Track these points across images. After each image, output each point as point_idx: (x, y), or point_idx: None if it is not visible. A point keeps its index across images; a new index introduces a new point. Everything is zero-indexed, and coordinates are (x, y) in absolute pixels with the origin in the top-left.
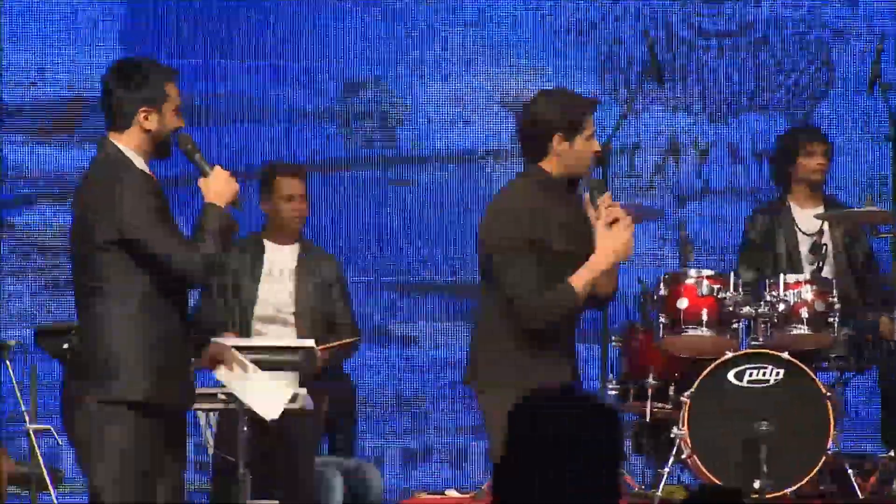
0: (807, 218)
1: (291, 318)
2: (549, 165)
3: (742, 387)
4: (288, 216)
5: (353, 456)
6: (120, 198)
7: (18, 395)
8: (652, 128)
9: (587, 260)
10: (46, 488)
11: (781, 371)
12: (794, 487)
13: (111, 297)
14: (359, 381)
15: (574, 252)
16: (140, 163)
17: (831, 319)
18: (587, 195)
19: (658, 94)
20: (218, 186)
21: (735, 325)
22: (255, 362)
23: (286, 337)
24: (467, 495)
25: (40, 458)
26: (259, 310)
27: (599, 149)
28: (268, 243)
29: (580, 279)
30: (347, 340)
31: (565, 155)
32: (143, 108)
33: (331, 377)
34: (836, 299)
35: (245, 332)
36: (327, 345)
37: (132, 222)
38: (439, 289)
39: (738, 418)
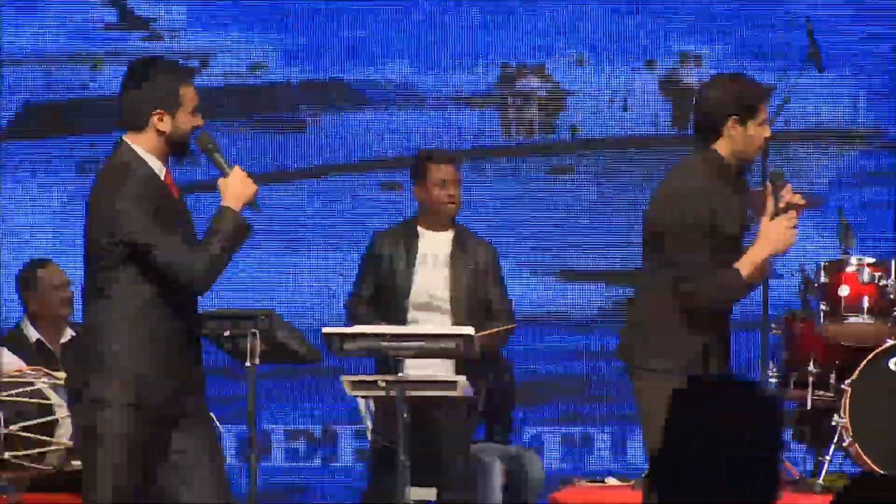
0: None
1: (447, 305)
2: (721, 148)
3: None
4: (441, 202)
5: (511, 443)
6: (119, 203)
7: None
8: (812, 115)
9: (742, 245)
10: None
11: None
12: None
13: (113, 297)
14: (519, 367)
15: (738, 238)
16: (155, 163)
17: None
18: (768, 185)
19: (816, 79)
20: (235, 188)
21: None
22: (413, 350)
23: (442, 324)
24: (628, 483)
25: None
26: (414, 297)
27: (770, 135)
28: (422, 230)
29: (745, 266)
30: (504, 328)
31: (738, 139)
32: (157, 111)
33: (489, 364)
34: None
35: (400, 319)
36: (484, 332)
37: (129, 228)
38: (602, 276)
39: None
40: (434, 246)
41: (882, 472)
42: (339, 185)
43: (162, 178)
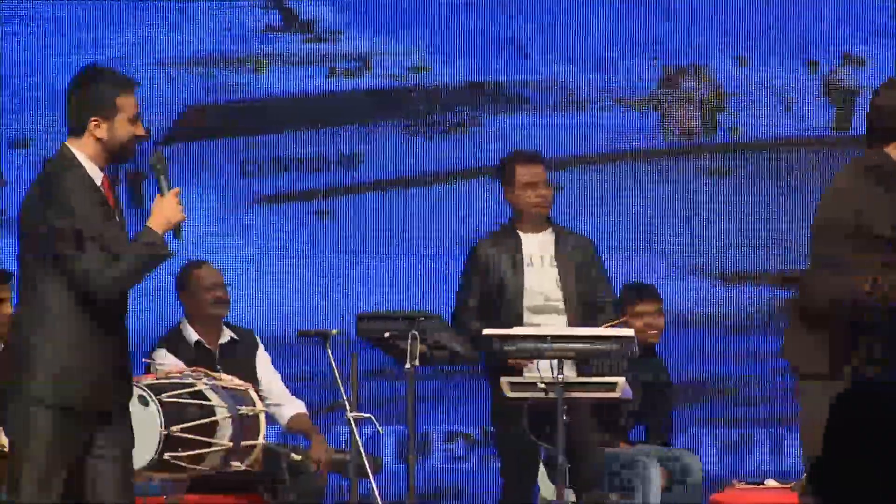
0: None
1: (562, 305)
2: (893, 151)
3: None
4: (530, 203)
5: (669, 443)
6: (46, 205)
7: (340, 383)
8: None
9: None
10: (366, 475)
11: None
12: None
13: (42, 295)
14: (678, 368)
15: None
16: (93, 169)
17: None
18: None
19: None
20: (165, 212)
21: None
22: (575, 351)
23: (560, 325)
24: (787, 485)
25: (360, 445)
26: (528, 300)
27: None
28: (521, 234)
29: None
30: (616, 321)
31: None
32: (94, 117)
33: (639, 363)
34: None
35: (516, 324)
36: (608, 323)
37: (49, 232)
38: (760, 277)
39: None
40: (537, 247)
41: None
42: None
43: (98, 184)
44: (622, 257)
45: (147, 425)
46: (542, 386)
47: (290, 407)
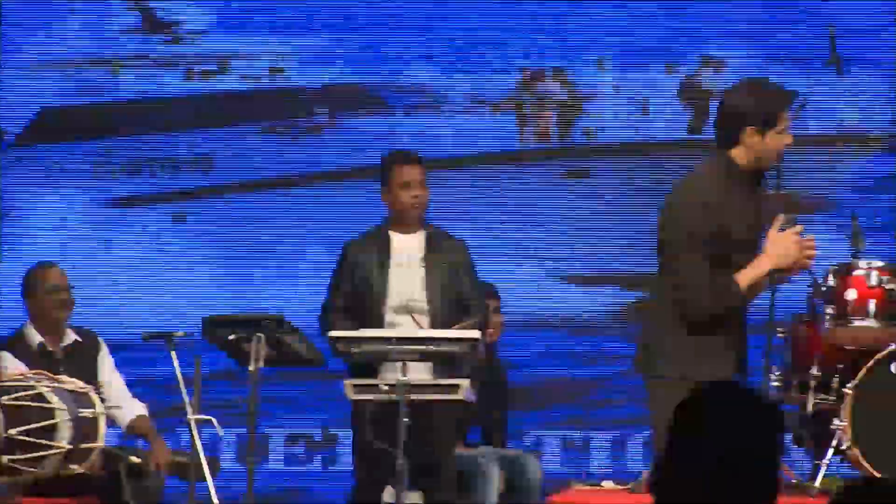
0: None
1: (424, 306)
2: (738, 155)
3: None
4: (406, 203)
5: (506, 445)
6: None
7: (182, 385)
8: (832, 118)
9: (757, 250)
10: (204, 478)
11: None
12: None
13: None
14: (527, 371)
15: (750, 241)
16: None
17: None
18: (777, 222)
19: (837, 83)
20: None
21: None
22: (420, 353)
23: (421, 326)
24: (624, 487)
25: (200, 448)
26: (391, 301)
27: (791, 141)
28: (392, 234)
29: (745, 278)
30: (473, 320)
31: (756, 147)
32: None
33: (478, 367)
34: None
35: (378, 324)
36: (458, 325)
37: None
38: (614, 280)
39: None
40: (406, 248)
41: (880, 476)
42: (354, 190)
43: None
44: (475, 259)
45: None
46: (386, 388)
47: (131, 409)
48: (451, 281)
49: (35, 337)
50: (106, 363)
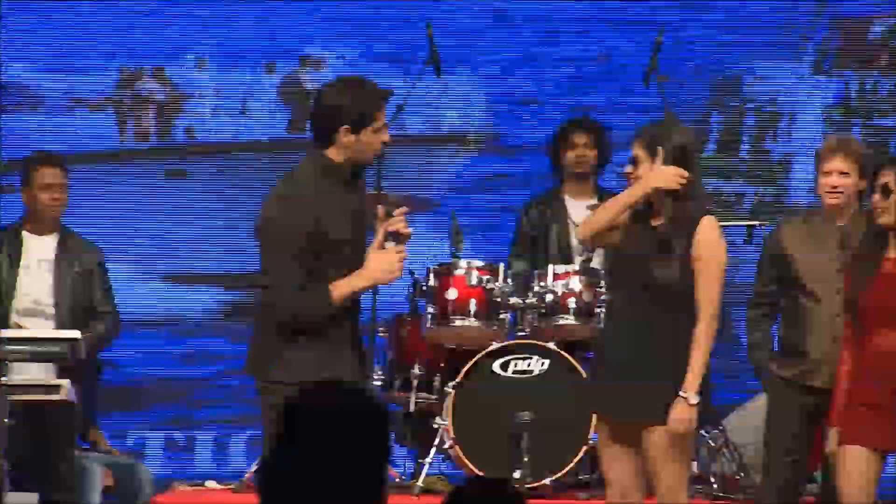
0: (579, 209)
1: (51, 310)
2: (335, 154)
3: (507, 377)
4: (46, 205)
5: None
6: None
7: None
8: (432, 118)
9: (363, 248)
10: None
11: (547, 361)
12: (553, 477)
13: None
14: (127, 371)
15: (352, 240)
16: None
17: (598, 310)
18: (382, 208)
19: (436, 83)
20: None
21: (503, 316)
22: (18, 354)
23: (46, 329)
24: (227, 486)
25: None
26: (18, 302)
27: (388, 139)
28: (27, 235)
29: (339, 288)
30: (105, 330)
31: (351, 146)
32: None
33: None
34: (603, 290)
35: (3, 325)
36: (88, 334)
37: None
38: (209, 280)
39: (502, 409)
40: (39, 250)
41: (482, 474)
42: None
43: None
44: None
45: None
46: None
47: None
48: (82, 287)
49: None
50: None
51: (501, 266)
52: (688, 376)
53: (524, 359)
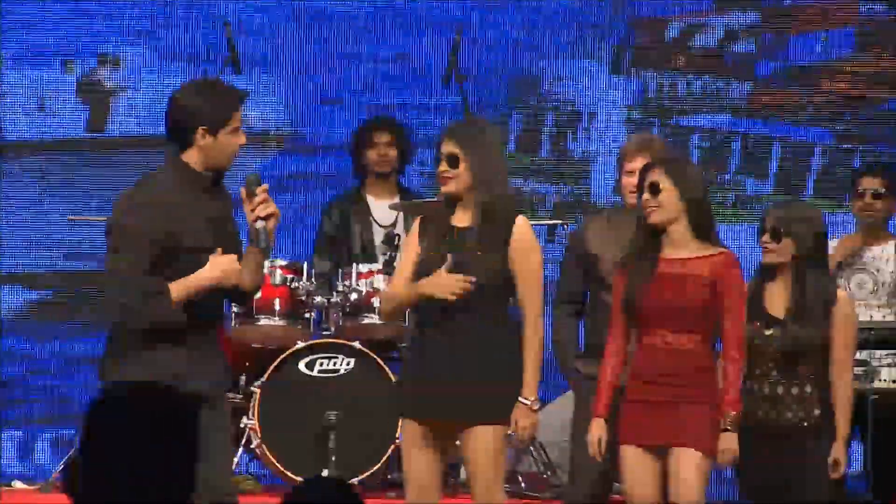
0: (381, 209)
1: None
2: (192, 158)
3: (313, 376)
4: None
5: None
6: None
7: None
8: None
9: (229, 254)
10: None
11: (353, 360)
12: (361, 476)
13: None
14: None
15: (213, 248)
16: None
17: None
18: (244, 189)
19: (236, 82)
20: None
21: (308, 315)
22: None
23: None
24: (34, 486)
25: None
26: None
27: (245, 142)
28: None
29: (178, 289)
30: None
31: (208, 148)
32: None
33: None
34: None
35: None
36: None
37: None
38: (15, 279)
39: (308, 408)
40: None
41: (289, 473)
42: None
43: None
44: None
45: None
46: None
47: None
48: None
49: None
50: None
51: (305, 265)
52: (525, 379)
53: (330, 358)
